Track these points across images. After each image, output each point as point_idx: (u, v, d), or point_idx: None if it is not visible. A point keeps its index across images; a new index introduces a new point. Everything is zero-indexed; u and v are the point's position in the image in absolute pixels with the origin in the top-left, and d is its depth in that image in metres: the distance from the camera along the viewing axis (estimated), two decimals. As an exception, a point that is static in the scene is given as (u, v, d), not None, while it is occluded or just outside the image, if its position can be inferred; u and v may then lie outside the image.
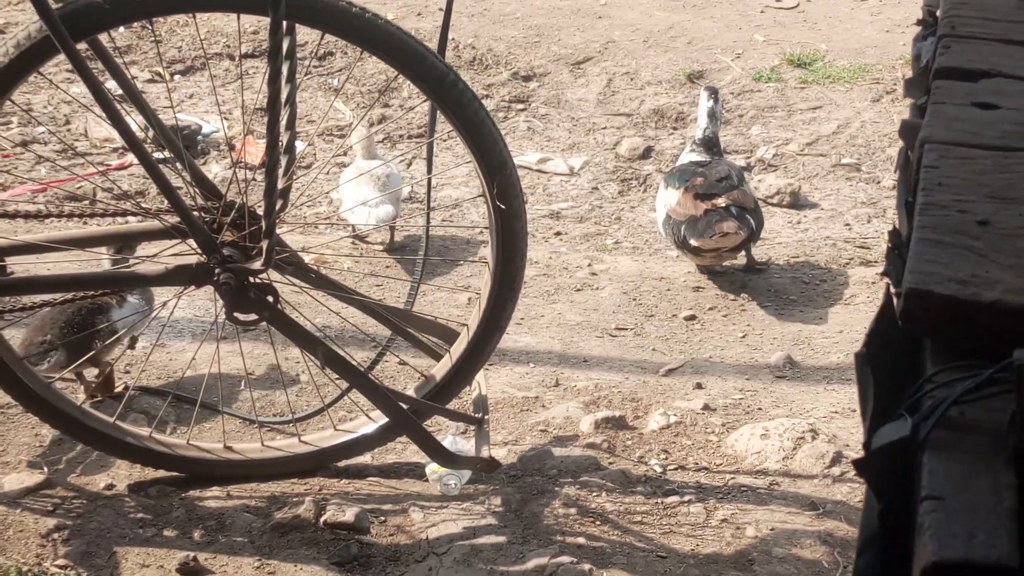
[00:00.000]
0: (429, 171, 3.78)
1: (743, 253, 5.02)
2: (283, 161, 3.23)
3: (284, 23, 3.10)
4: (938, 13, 2.17)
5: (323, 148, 6.11)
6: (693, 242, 4.81)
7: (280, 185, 3.19)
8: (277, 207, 3.21)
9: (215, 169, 5.73)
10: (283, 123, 3.24)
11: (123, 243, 3.80)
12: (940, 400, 1.24)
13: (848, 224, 5.58)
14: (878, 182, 5.89)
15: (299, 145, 5.94)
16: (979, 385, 1.25)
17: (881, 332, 1.37)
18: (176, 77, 6.71)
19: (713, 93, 5.27)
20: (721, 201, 4.87)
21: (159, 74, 6.59)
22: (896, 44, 7.22)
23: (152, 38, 6.80)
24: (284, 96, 3.21)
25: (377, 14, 3.30)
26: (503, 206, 3.40)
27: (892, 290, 1.44)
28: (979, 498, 1.13)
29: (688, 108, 6.54)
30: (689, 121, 6.45)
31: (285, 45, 3.15)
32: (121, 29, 6.78)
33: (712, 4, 7.67)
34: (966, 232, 1.45)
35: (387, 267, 5.03)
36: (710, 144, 5.22)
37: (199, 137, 6.02)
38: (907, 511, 1.20)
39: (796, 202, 5.75)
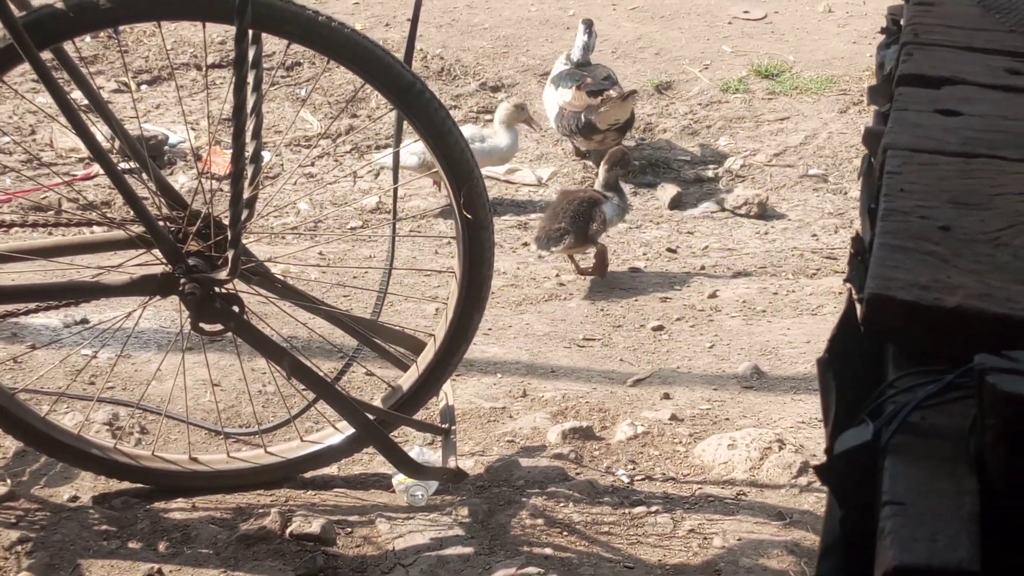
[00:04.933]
0: (395, 181, 3.77)
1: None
2: (249, 171, 3.21)
3: (250, 32, 3.08)
4: (902, 21, 2.17)
5: (290, 158, 6.09)
6: (594, 120, 5.98)
7: (246, 195, 3.18)
8: (243, 217, 3.19)
9: (182, 179, 5.71)
10: (249, 132, 3.22)
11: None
12: (902, 405, 1.24)
13: (815, 234, 5.60)
14: (845, 193, 5.91)
15: (266, 155, 5.93)
16: (940, 390, 1.25)
17: (843, 338, 1.37)
18: (143, 87, 6.68)
19: (588, 26, 6.36)
20: (613, 92, 6.00)
21: (126, 84, 6.56)
22: (863, 55, 7.25)
23: (118, 48, 6.77)
24: (250, 105, 3.19)
25: (344, 23, 3.29)
26: (470, 216, 3.39)
27: (854, 296, 1.44)
28: (940, 503, 1.13)
29: (656, 119, 6.56)
30: (658, 132, 6.46)
31: (251, 54, 3.14)
32: (87, 39, 6.75)
33: (680, 15, 7.69)
34: (928, 238, 1.45)
35: (354, 277, 5.02)
36: (580, 65, 6.33)
37: (166, 147, 6.00)
38: (869, 516, 1.20)
39: (764, 213, 5.76)
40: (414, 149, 5.50)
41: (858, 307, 1.39)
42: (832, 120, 6.56)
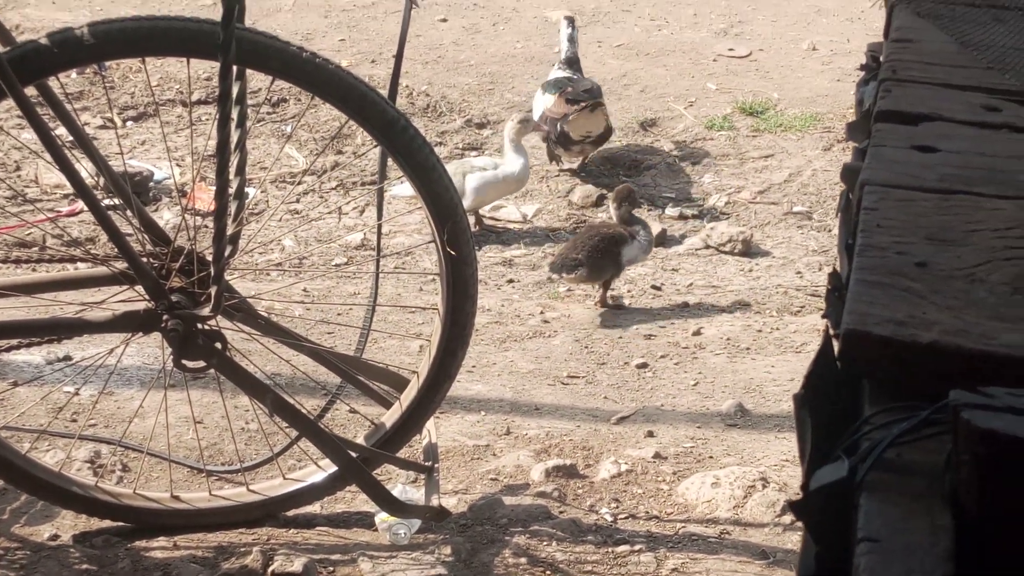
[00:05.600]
0: (379, 217, 3.77)
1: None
2: (233, 207, 3.21)
3: (234, 68, 3.09)
4: (881, 58, 2.18)
5: (275, 194, 6.09)
6: (567, 129, 6.18)
7: (229, 231, 3.18)
8: (226, 253, 3.19)
9: (167, 215, 5.71)
10: (233, 168, 3.22)
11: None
12: (877, 442, 1.23)
13: (800, 272, 5.60)
14: (829, 230, 5.92)
15: (251, 191, 5.93)
16: (916, 426, 1.24)
17: (820, 373, 1.37)
18: (128, 123, 6.69)
19: (571, 21, 6.67)
20: (585, 104, 6.18)
21: (111, 120, 6.56)
22: (847, 93, 7.28)
23: (103, 84, 6.78)
24: (234, 141, 3.20)
25: (328, 59, 3.30)
26: (453, 253, 3.39)
27: (831, 331, 1.44)
28: (915, 540, 1.13)
29: (641, 156, 6.57)
30: (643, 169, 6.48)
31: (236, 90, 3.15)
32: (73, 74, 6.76)
33: (665, 53, 7.72)
34: (904, 274, 1.45)
35: (338, 314, 5.01)
36: (572, 62, 6.58)
37: (151, 183, 5.99)
38: (844, 553, 1.19)
39: (748, 250, 5.77)
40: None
41: (835, 342, 1.40)
42: (816, 157, 6.58)
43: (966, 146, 1.81)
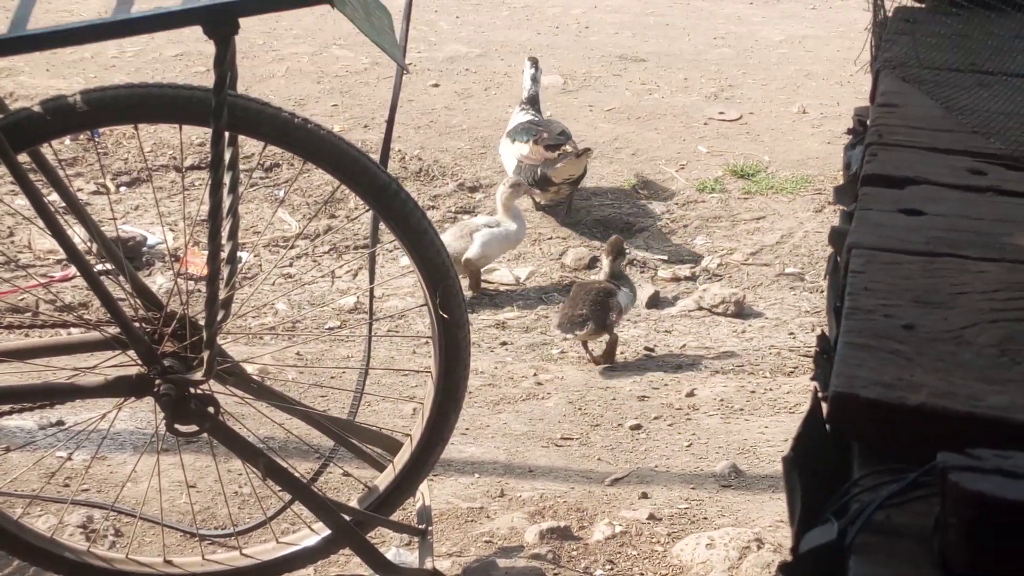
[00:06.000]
0: (371, 281, 3.78)
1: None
2: (225, 271, 3.22)
3: (226, 134, 3.11)
4: (868, 122, 2.20)
5: (269, 259, 6.11)
6: (550, 174, 6.41)
7: (222, 295, 3.18)
8: (218, 317, 3.19)
9: (160, 280, 5.72)
10: (225, 233, 3.23)
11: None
12: (866, 504, 1.24)
13: (792, 333, 5.62)
14: (822, 291, 5.94)
15: (244, 255, 5.95)
16: (904, 489, 1.25)
17: (809, 436, 1.38)
18: (122, 189, 6.71)
19: (534, 62, 6.96)
20: (568, 147, 6.45)
21: (104, 186, 6.59)
22: (837, 156, 7.33)
23: (96, 150, 6.81)
24: (227, 206, 3.21)
25: (320, 125, 3.31)
26: (446, 316, 3.40)
27: (820, 394, 1.45)
28: (904, 602, 1.13)
29: (634, 218, 6.60)
30: (635, 231, 6.50)
31: (228, 156, 3.16)
32: (68, 141, 6.79)
33: (656, 116, 7.77)
34: (892, 336, 1.46)
35: (332, 377, 5.01)
36: (534, 101, 6.90)
37: (144, 248, 6.01)
38: (835, 616, 1.20)
39: (741, 311, 5.79)
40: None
41: (824, 405, 1.40)
42: (808, 219, 6.61)
43: (952, 209, 1.83)
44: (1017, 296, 1.57)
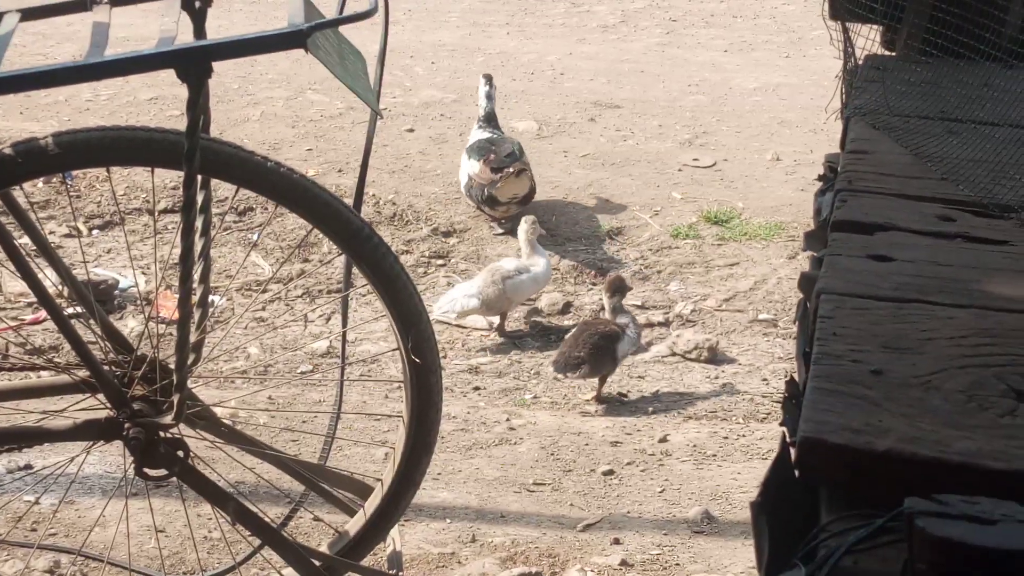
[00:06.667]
0: (344, 325, 3.77)
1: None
2: (196, 315, 3.21)
3: (199, 177, 3.10)
4: (838, 168, 2.21)
5: (241, 302, 6.09)
6: (495, 194, 6.63)
7: (192, 339, 3.17)
8: (189, 361, 3.18)
9: (131, 323, 5.69)
10: (197, 277, 3.22)
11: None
12: (833, 549, 1.24)
13: (766, 379, 5.62)
14: (795, 337, 5.95)
15: (216, 299, 5.93)
16: (871, 534, 1.25)
17: (777, 481, 1.37)
18: (95, 231, 6.70)
19: (488, 79, 7.13)
20: (511, 168, 6.63)
21: (77, 228, 6.57)
22: (810, 202, 7.33)
23: (67, 193, 6.79)
24: (198, 250, 3.20)
25: (292, 169, 3.31)
26: (418, 360, 3.39)
27: (788, 439, 1.45)
28: (872, 648, 1.13)
29: (608, 264, 6.61)
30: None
31: (200, 199, 3.16)
32: (40, 184, 6.78)
33: (630, 163, 7.79)
34: (860, 381, 1.46)
35: (303, 422, 4.99)
36: (490, 118, 7.06)
37: (116, 291, 5.99)
38: (802, 662, 1.19)
39: (714, 357, 5.79)
40: (470, 291, 5.92)
41: (792, 450, 1.40)
42: (781, 266, 6.63)
43: (921, 255, 1.84)
44: (985, 343, 1.57)
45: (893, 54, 3.14)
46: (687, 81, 9.23)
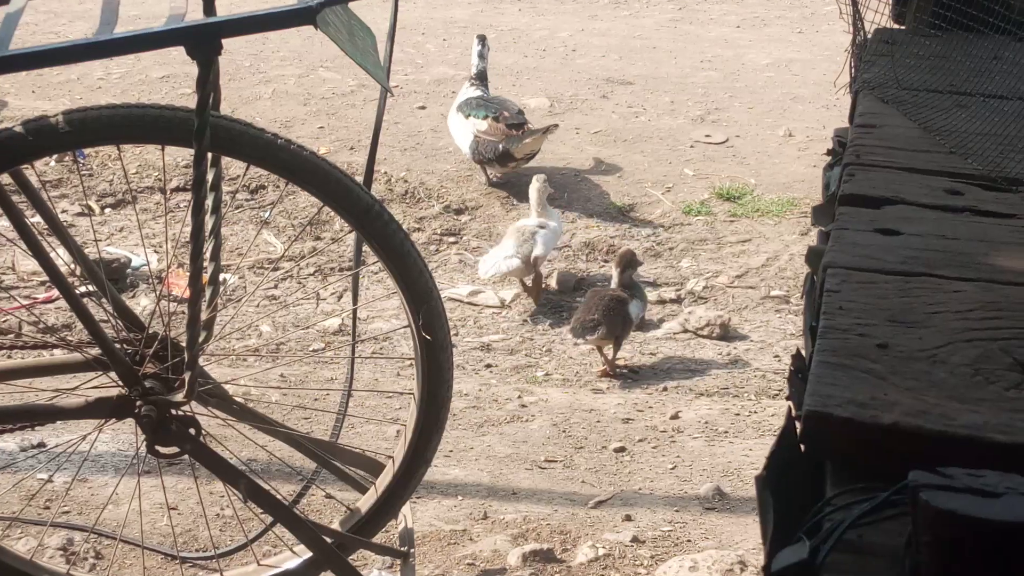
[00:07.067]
0: (355, 302, 3.77)
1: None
2: (207, 293, 3.21)
3: (209, 155, 3.10)
4: (846, 142, 2.21)
5: (253, 280, 6.10)
6: (511, 149, 6.74)
7: (203, 317, 3.17)
8: (200, 339, 3.18)
9: (144, 302, 5.70)
10: (208, 255, 3.23)
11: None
12: (838, 523, 1.24)
13: (777, 355, 5.62)
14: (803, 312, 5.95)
15: (228, 277, 5.94)
16: (876, 507, 1.25)
17: (782, 455, 1.37)
18: (107, 210, 6.71)
19: (482, 39, 7.21)
20: (531, 125, 6.87)
21: (89, 207, 6.58)
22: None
23: (79, 171, 6.80)
24: (209, 228, 3.20)
25: (303, 146, 3.31)
26: (428, 337, 3.39)
27: (793, 413, 1.44)
28: (876, 621, 1.13)
29: (619, 241, 6.60)
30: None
31: (211, 176, 3.16)
32: (52, 162, 6.79)
33: (642, 139, 7.78)
34: (866, 355, 1.46)
35: (315, 399, 5.00)
36: (482, 76, 7.20)
37: (128, 270, 6.00)
38: (806, 635, 1.19)
39: (726, 334, 5.79)
40: (507, 252, 6.00)
41: (797, 424, 1.40)
42: (793, 242, 6.62)
43: (928, 229, 1.83)
44: (991, 316, 1.57)
45: (902, 27, 3.12)
46: (699, 57, 9.21)
